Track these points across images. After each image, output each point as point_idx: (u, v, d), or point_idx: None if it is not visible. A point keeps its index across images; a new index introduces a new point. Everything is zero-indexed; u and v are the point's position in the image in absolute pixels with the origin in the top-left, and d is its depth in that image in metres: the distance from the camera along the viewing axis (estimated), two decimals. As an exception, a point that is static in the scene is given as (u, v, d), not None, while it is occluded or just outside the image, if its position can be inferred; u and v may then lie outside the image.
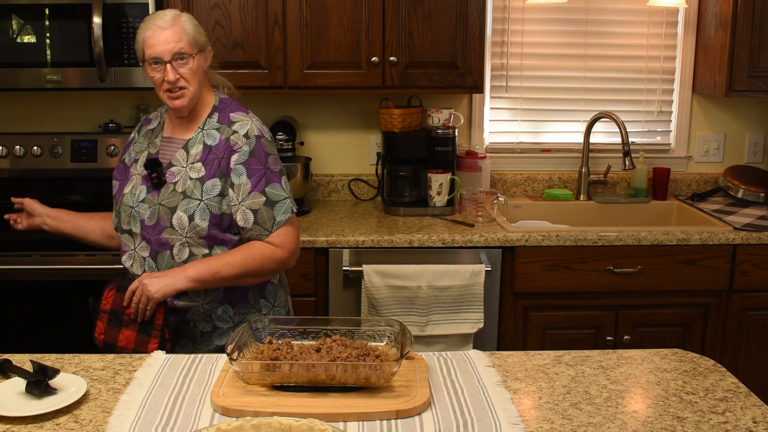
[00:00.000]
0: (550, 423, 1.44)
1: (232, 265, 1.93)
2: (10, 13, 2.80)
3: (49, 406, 1.45)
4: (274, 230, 1.95)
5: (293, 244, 1.97)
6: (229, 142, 1.97)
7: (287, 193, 1.97)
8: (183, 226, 1.95)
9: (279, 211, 1.94)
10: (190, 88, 1.98)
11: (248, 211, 1.94)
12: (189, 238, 1.95)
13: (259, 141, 1.96)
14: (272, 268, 1.98)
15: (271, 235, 1.95)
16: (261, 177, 1.94)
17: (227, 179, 1.94)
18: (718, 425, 1.43)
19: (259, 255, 1.94)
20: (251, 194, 1.93)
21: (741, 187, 3.32)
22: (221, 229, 1.96)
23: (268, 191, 1.94)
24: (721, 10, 3.14)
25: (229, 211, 1.95)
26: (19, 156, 3.13)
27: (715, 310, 2.90)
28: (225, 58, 2.92)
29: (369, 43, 2.93)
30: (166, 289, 1.89)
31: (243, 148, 1.95)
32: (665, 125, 3.50)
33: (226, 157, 1.95)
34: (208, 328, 2.02)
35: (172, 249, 1.97)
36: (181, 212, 1.94)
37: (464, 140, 3.41)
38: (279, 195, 1.95)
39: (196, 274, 1.91)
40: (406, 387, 1.52)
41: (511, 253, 2.80)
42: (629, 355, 1.75)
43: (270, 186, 1.95)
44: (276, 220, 1.94)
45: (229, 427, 1.23)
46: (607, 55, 3.41)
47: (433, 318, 2.73)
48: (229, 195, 1.94)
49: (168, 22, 1.95)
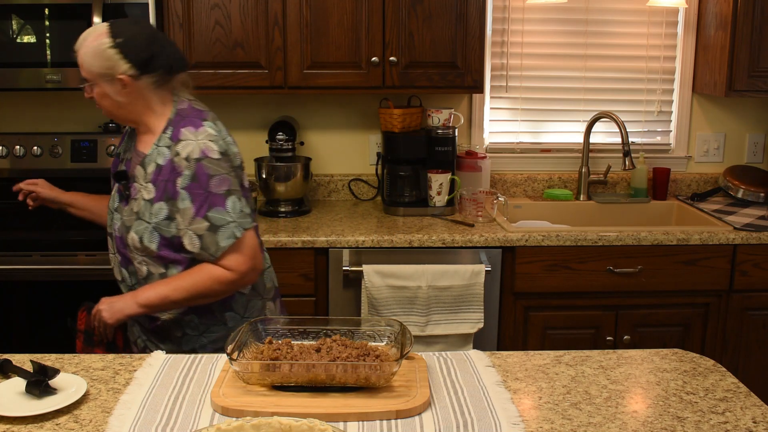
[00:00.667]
0: (550, 423, 1.44)
1: (181, 290, 1.91)
2: (10, 13, 2.80)
3: (49, 406, 1.45)
4: (219, 255, 1.90)
5: (244, 266, 1.92)
6: (173, 163, 1.90)
7: (232, 216, 1.89)
8: (136, 246, 1.95)
9: (222, 236, 1.89)
10: (104, 109, 1.96)
11: (194, 236, 1.90)
12: (144, 258, 1.96)
13: (200, 164, 1.88)
14: (224, 290, 1.94)
15: (221, 259, 1.91)
16: (203, 202, 1.88)
17: (174, 202, 1.90)
18: (718, 425, 1.43)
19: (208, 278, 1.91)
20: (194, 219, 1.89)
21: (741, 187, 3.32)
22: (174, 249, 1.93)
23: (211, 216, 1.88)
24: (721, 10, 3.14)
25: (179, 234, 1.92)
26: (19, 156, 3.14)
27: (715, 310, 2.90)
28: (225, 58, 2.92)
29: (369, 43, 2.93)
30: (119, 315, 1.93)
31: (185, 173, 1.89)
32: (665, 125, 3.50)
33: (172, 180, 1.90)
34: (179, 334, 2.03)
35: (133, 264, 1.99)
36: (133, 233, 1.95)
37: (464, 140, 3.41)
38: (222, 219, 1.88)
39: (146, 300, 1.92)
40: (406, 387, 1.52)
41: (511, 253, 2.80)
42: (629, 355, 1.75)
43: (213, 210, 1.88)
44: (219, 245, 1.89)
45: (229, 427, 1.23)
46: (607, 55, 3.41)
47: (433, 318, 2.73)
48: (176, 219, 1.91)
49: (78, 46, 1.93)
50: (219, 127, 1.95)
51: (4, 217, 2.98)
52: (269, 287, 2.14)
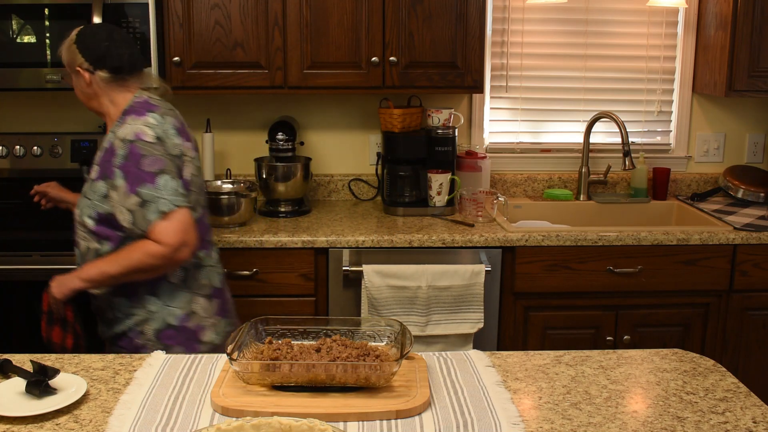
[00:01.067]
0: (550, 423, 1.44)
1: (117, 263, 2.02)
2: (10, 13, 2.80)
3: (49, 406, 1.45)
4: (149, 229, 1.99)
5: (173, 239, 1.99)
6: (113, 146, 2.05)
7: (162, 193, 1.99)
8: (78, 222, 2.12)
9: (150, 211, 1.99)
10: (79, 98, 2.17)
11: (126, 212, 2.01)
12: (84, 233, 2.11)
13: (133, 145, 2.00)
14: (155, 264, 2.01)
15: (151, 233, 2.00)
16: (135, 179, 1.99)
17: (111, 181, 2.02)
18: (718, 425, 1.43)
19: (140, 252, 2.00)
20: (127, 195, 2.00)
21: (741, 187, 3.32)
22: (108, 226, 2.06)
23: (141, 192, 1.99)
24: (721, 10, 3.14)
25: (113, 211, 2.04)
26: (19, 156, 3.14)
27: (715, 310, 2.90)
28: (225, 58, 2.92)
29: (369, 43, 2.93)
30: (63, 288, 2.04)
31: (119, 152, 2.02)
32: (665, 125, 3.50)
33: (110, 160, 2.04)
34: (110, 316, 2.14)
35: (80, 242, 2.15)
36: (78, 209, 2.11)
37: (464, 140, 3.41)
38: (151, 195, 1.99)
39: (86, 274, 2.04)
40: (406, 387, 1.52)
41: (511, 253, 2.80)
42: (629, 355, 1.75)
43: (143, 187, 1.99)
44: (147, 219, 1.99)
45: (229, 427, 1.23)
46: (607, 55, 3.41)
47: (433, 318, 2.73)
48: (112, 196, 2.03)
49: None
50: (163, 120, 2.07)
51: (4, 217, 2.98)
52: (203, 284, 2.18)
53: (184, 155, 2.09)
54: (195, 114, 3.31)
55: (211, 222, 2.82)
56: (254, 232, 2.78)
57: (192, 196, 2.09)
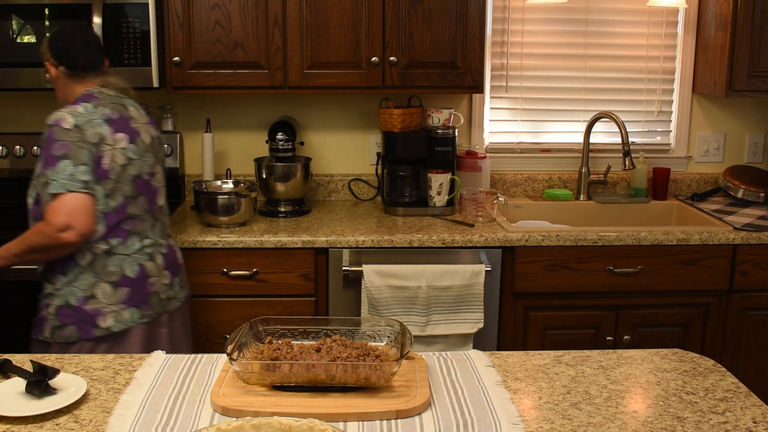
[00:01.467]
0: (550, 423, 1.44)
1: (18, 241, 2.20)
2: (10, 13, 2.80)
3: (49, 406, 1.45)
4: (44, 209, 2.14)
5: (56, 220, 2.09)
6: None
7: (58, 177, 2.10)
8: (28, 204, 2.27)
9: (46, 191, 2.12)
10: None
11: (40, 191, 2.17)
12: (29, 215, 2.25)
13: (51, 129, 2.15)
14: (42, 242, 2.13)
15: (44, 213, 2.14)
16: (45, 161, 2.14)
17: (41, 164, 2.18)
18: (718, 425, 1.43)
19: (32, 230, 2.17)
20: (40, 176, 2.16)
21: (741, 187, 3.32)
22: (38, 205, 2.20)
23: (46, 173, 2.12)
24: (721, 10, 3.14)
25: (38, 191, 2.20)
26: (19, 156, 3.13)
27: (715, 310, 2.90)
28: (225, 58, 2.92)
29: (369, 43, 2.93)
30: None
31: (43, 136, 2.18)
32: (665, 125, 3.50)
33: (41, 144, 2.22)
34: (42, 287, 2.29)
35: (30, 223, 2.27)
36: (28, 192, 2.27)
37: (464, 140, 3.41)
38: (51, 177, 2.11)
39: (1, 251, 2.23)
40: (406, 387, 1.52)
41: (511, 253, 2.80)
42: (629, 355, 1.75)
43: (48, 169, 2.12)
44: (45, 199, 2.14)
45: (229, 427, 1.23)
46: (607, 55, 3.41)
47: (433, 318, 2.73)
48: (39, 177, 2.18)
49: None
50: (94, 110, 2.20)
51: (4, 217, 2.98)
52: (112, 271, 2.22)
53: (105, 144, 2.18)
54: (195, 114, 3.31)
55: (211, 222, 2.83)
56: (254, 232, 2.79)
57: (108, 184, 2.18)
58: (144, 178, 2.29)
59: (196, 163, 3.34)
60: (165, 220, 2.41)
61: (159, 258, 2.32)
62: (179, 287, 2.41)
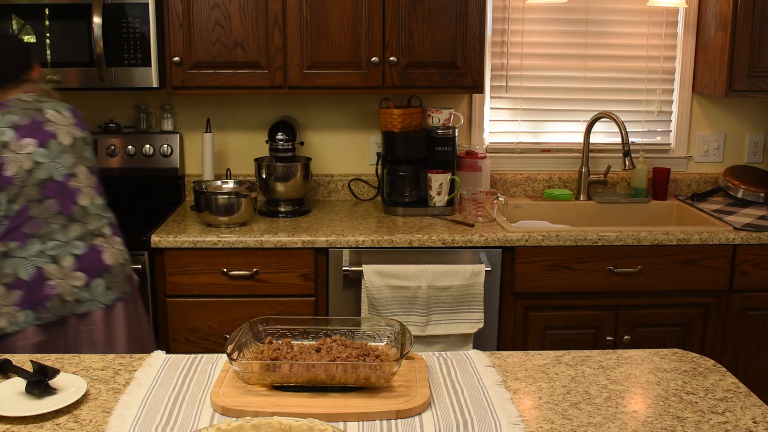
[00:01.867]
0: (550, 423, 1.44)
1: None
2: (10, 13, 2.80)
3: (49, 406, 1.45)
4: None
5: None
6: None
7: None
8: None
9: None
10: None
11: None
12: None
13: None
14: None
15: None
16: None
17: None
18: (718, 425, 1.43)
19: None
20: None
21: (741, 187, 3.33)
22: None
23: None
24: (721, 10, 3.14)
25: None
26: None
27: (715, 310, 2.90)
28: (225, 58, 2.92)
29: (369, 43, 2.93)
30: None
31: None
32: (665, 125, 3.50)
33: None
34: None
35: None
36: None
37: (464, 140, 3.41)
38: None
39: None
40: (406, 387, 1.52)
41: (511, 253, 2.80)
42: (629, 355, 1.75)
43: None
44: None
45: (229, 427, 1.23)
46: (607, 55, 3.41)
47: (433, 318, 2.73)
48: None
49: None
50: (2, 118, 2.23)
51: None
52: (6, 273, 2.19)
53: (8, 150, 2.19)
54: (195, 114, 3.31)
55: (211, 222, 2.83)
56: (254, 232, 2.79)
57: (13, 189, 2.18)
58: (57, 180, 2.25)
59: (196, 163, 3.34)
60: (90, 221, 2.31)
61: (67, 260, 2.23)
62: (104, 289, 2.29)
